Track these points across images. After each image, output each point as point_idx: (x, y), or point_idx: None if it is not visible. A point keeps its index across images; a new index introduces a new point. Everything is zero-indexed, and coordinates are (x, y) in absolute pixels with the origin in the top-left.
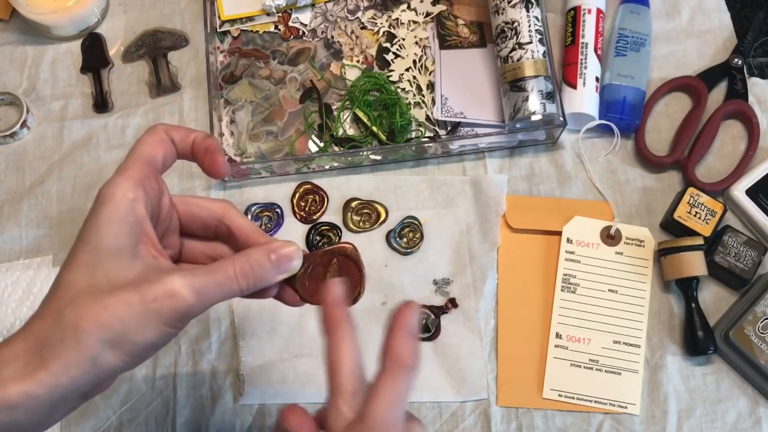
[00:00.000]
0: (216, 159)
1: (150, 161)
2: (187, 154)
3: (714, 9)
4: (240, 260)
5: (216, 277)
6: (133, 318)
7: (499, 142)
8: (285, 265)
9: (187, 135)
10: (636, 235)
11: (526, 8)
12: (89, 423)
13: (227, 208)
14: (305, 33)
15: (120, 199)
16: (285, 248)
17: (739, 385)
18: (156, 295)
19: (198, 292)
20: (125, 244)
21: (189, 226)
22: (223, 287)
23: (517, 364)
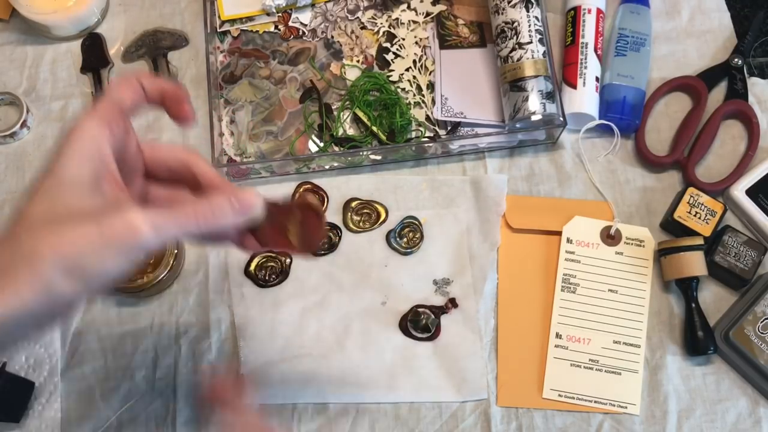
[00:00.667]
0: (183, 106)
1: (118, 103)
2: (156, 101)
3: (714, 9)
4: (201, 202)
5: (175, 215)
6: (89, 247)
7: (499, 142)
8: (246, 212)
9: (156, 82)
10: (636, 235)
11: (526, 8)
12: (89, 422)
13: (193, 155)
14: (305, 33)
15: (85, 136)
16: (247, 196)
17: (739, 385)
18: (114, 226)
19: (156, 226)
20: (87, 178)
21: (155, 170)
22: (182, 225)
23: (517, 364)
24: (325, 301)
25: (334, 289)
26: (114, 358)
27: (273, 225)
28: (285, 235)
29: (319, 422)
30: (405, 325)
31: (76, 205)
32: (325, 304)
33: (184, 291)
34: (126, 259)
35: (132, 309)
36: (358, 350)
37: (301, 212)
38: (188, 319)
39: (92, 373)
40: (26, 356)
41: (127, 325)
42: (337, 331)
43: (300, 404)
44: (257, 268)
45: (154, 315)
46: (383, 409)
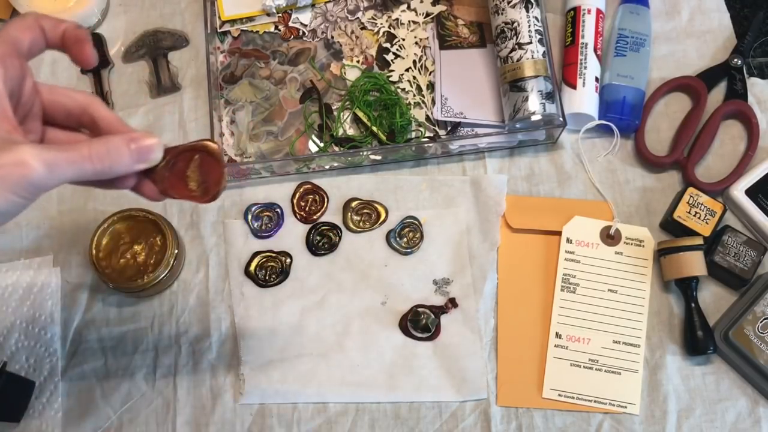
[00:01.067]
0: (84, 48)
1: (14, 42)
2: (57, 43)
3: (714, 9)
4: (97, 143)
5: (69, 154)
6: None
7: (499, 142)
8: (144, 155)
9: (57, 24)
10: (636, 235)
11: (526, 8)
12: (90, 422)
13: (92, 98)
14: (305, 33)
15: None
16: (146, 139)
17: (739, 384)
18: (3, 162)
19: (48, 164)
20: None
21: (53, 113)
22: (76, 165)
23: (517, 364)
24: (325, 301)
25: (334, 288)
26: (114, 357)
27: (172, 170)
28: (185, 181)
29: (319, 422)
30: (405, 324)
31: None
32: (325, 304)
33: (185, 291)
34: (17, 196)
35: (132, 309)
36: (358, 350)
37: (200, 157)
38: (188, 319)
39: (92, 373)
40: (26, 356)
41: (127, 324)
42: (337, 331)
43: (300, 404)
44: (257, 268)
45: (154, 315)
46: (383, 408)
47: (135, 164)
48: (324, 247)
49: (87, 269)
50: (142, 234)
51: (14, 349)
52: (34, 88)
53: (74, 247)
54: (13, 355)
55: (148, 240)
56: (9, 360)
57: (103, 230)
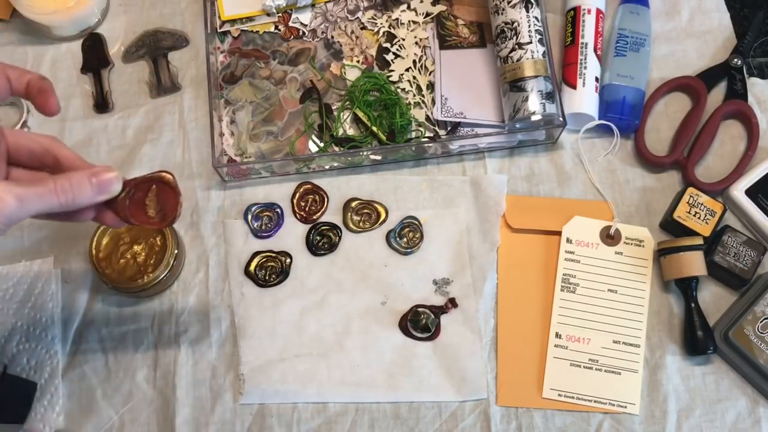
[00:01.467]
0: (48, 98)
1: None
2: (21, 92)
3: (713, 9)
4: (62, 178)
5: (37, 189)
6: None
7: (499, 142)
8: (105, 188)
9: (22, 74)
10: (635, 235)
11: (526, 8)
12: (92, 422)
13: (54, 140)
14: (305, 33)
15: None
16: (105, 173)
17: (739, 384)
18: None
19: (19, 198)
20: None
21: (17, 155)
22: (44, 198)
23: (517, 364)
24: (324, 301)
25: (334, 288)
26: (115, 358)
27: (131, 200)
28: (144, 209)
29: (319, 422)
30: (405, 324)
31: None
32: (325, 304)
33: (185, 291)
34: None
35: (132, 309)
36: (358, 350)
37: (157, 187)
38: (188, 319)
39: (93, 373)
40: (27, 358)
41: (127, 324)
42: (336, 331)
43: (300, 404)
44: (257, 268)
45: (154, 315)
46: (383, 408)
47: (96, 195)
48: (324, 247)
49: (87, 270)
50: (142, 234)
51: (15, 352)
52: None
53: (74, 248)
54: (14, 357)
55: (148, 240)
56: (10, 363)
57: (103, 230)
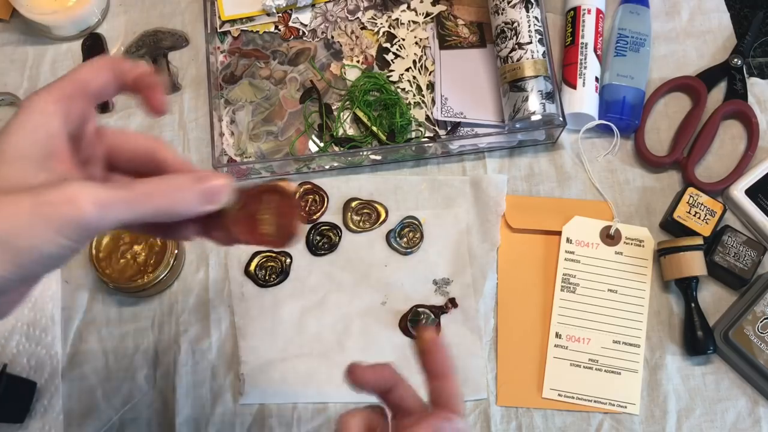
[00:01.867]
0: (155, 94)
1: (82, 83)
2: (128, 87)
3: (713, 9)
4: (159, 181)
5: (126, 194)
6: (20, 220)
7: (499, 142)
8: (212, 197)
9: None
10: (635, 235)
11: (526, 8)
12: (92, 423)
13: (158, 142)
14: (305, 33)
15: (36, 110)
16: (215, 180)
17: (739, 384)
18: (51, 199)
19: (101, 204)
20: (34, 154)
21: (116, 159)
22: (132, 205)
23: (517, 364)
24: (325, 301)
25: (334, 289)
26: (115, 358)
27: (243, 214)
28: (257, 226)
29: (319, 422)
30: (405, 325)
31: (14, 180)
32: (325, 304)
33: (185, 291)
34: (65, 238)
35: (132, 309)
36: (358, 350)
37: (273, 198)
38: (188, 319)
39: (93, 374)
40: (27, 358)
41: (127, 324)
42: (337, 331)
43: (300, 404)
44: (257, 268)
45: (154, 315)
46: None
47: (201, 205)
48: (324, 247)
49: (87, 270)
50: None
51: (15, 352)
52: (97, 132)
53: None
54: (15, 357)
55: (148, 240)
56: (10, 363)
57: None
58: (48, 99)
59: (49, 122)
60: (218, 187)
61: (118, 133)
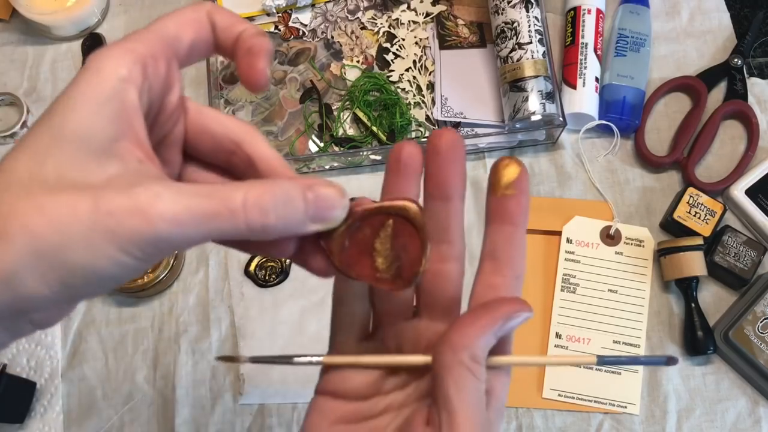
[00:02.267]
0: (257, 63)
1: (168, 39)
2: (227, 49)
3: (714, 9)
4: (257, 188)
5: (212, 203)
6: (74, 230)
7: (499, 142)
8: (323, 212)
9: (234, 24)
10: (636, 235)
11: (526, 8)
12: (92, 423)
13: (252, 130)
14: (305, 33)
15: (107, 74)
16: (327, 188)
17: (739, 384)
18: (116, 207)
19: (176, 218)
20: (100, 135)
21: (197, 143)
22: (219, 220)
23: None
24: (325, 301)
25: None
26: (114, 358)
27: (354, 239)
28: (370, 256)
29: None
30: None
31: (73, 171)
32: (325, 304)
33: (184, 291)
34: (129, 256)
35: (132, 309)
36: None
37: (395, 223)
38: (188, 319)
39: (93, 374)
40: (27, 358)
41: (127, 325)
42: None
43: (300, 404)
44: (257, 268)
45: (154, 315)
46: None
47: (309, 222)
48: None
49: None
50: None
51: (15, 352)
52: (181, 104)
53: None
54: (14, 357)
55: None
56: (10, 363)
57: None
58: (123, 59)
59: (124, 91)
60: (331, 200)
61: (203, 111)
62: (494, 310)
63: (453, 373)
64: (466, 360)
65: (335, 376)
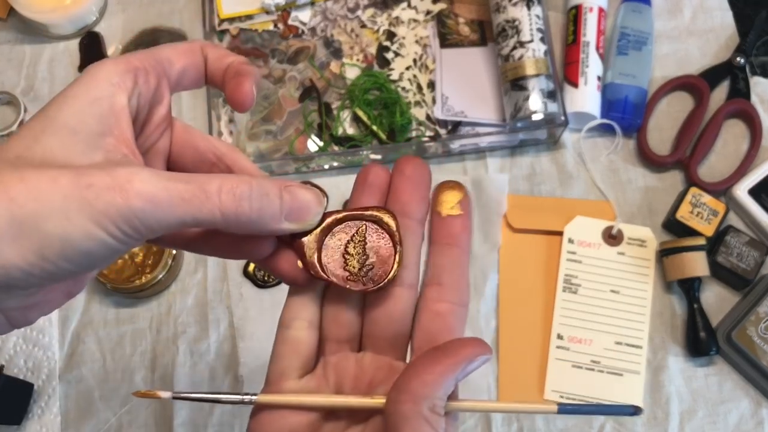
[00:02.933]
0: (244, 82)
1: (161, 60)
2: (218, 78)
3: (716, 7)
4: (235, 178)
5: (188, 187)
6: (53, 199)
7: (500, 141)
8: (299, 212)
9: (224, 56)
10: (638, 235)
11: (528, 6)
12: (89, 424)
13: (233, 147)
14: (304, 31)
15: (100, 79)
16: (304, 190)
17: (742, 386)
18: (96, 182)
19: (152, 196)
20: (88, 129)
21: (181, 156)
22: (194, 203)
23: (518, 365)
24: None
25: None
26: (112, 359)
27: (327, 242)
28: (341, 259)
29: None
30: None
31: (60, 154)
32: None
33: (183, 291)
34: (105, 233)
35: (130, 310)
36: None
37: (369, 230)
38: (186, 320)
39: (91, 375)
40: (25, 359)
41: (125, 326)
42: None
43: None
44: (256, 269)
45: (152, 316)
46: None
47: (282, 220)
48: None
49: None
50: None
51: (12, 353)
52: (168, 119)
53: None
54: (11, 358)
55: None
56: (7, 364)
57: None
58: (116, 69)
59: (113, 96)
60: (308, 202)
61: (189, 128)
62: (455, 354)
63: (413, 425)
64: (425, 412)
65: (268, 416)
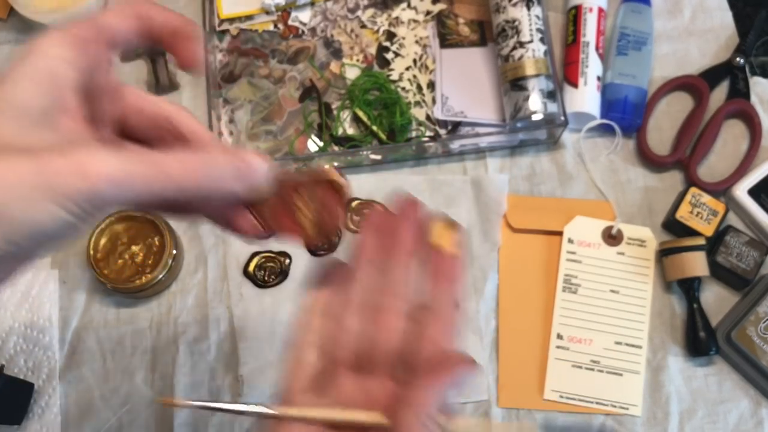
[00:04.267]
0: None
1: (102, 26)
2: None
3: (716, 8)
4: (187, 154)
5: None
6: (18, 187)
7: (500, 141)
8: (251, 177)
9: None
10: (638, 235)
11: (527, 7)
12: (90, 424)
13: (181, 109)
14: (304, 32)
15: (44, 53)
16: (253, 157)
17: (741, 386)
18: (57, 167)
19: (116, 178)
20: (37, 106)
21: (130, 123)
22: (157, 180)
23: (518, 365)
24: None
25: None
26: (113, 359)
27: (280, 201)
28: (293, 216)
29: None
30: None
31: (13, 137)
32: None
33: (183, 291)
34: (69, 214)
35: (130, 310)
36: None
37: (319, 190)
38: (187, 320)
39: (91, 375)
40: (25, 359)
41: (125, 325)
42: None
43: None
44: (256, 269)
45: (152, 316)
46: None
47: (235, 184)
48: (323, 247)
49: (85, 270)
50: (140, 234)
51: (12, 353)
52: (114, 87)
53: (72, 248)
54: (12, 358)
55: (147, 240)
56: (7, 363)
57: (101, 231)
58: (59, 41)
59: (59, 69)
60: (256, 167)
61: (137, 93)
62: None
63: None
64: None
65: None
